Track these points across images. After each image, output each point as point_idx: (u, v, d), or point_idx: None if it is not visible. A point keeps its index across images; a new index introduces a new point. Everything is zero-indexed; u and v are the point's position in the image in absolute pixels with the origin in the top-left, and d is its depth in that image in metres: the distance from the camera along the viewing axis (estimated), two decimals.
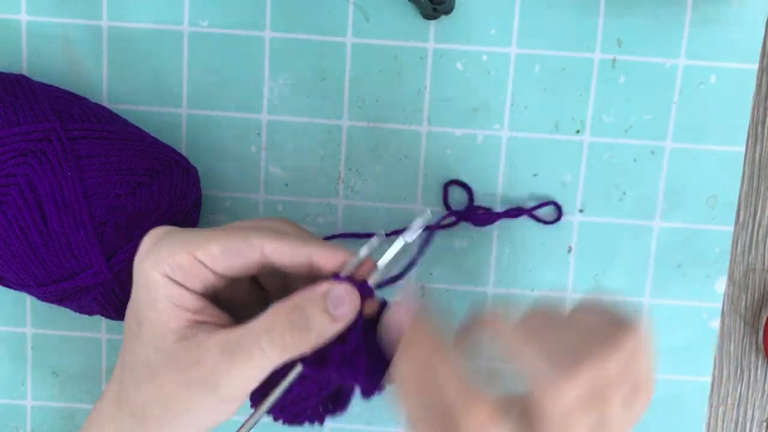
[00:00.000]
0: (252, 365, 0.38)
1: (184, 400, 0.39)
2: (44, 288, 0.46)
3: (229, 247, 0.39)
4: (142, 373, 0.40)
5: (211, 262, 0.39)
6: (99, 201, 0.45)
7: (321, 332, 0.39)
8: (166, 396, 0.39)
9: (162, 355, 0.39)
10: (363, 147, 0.52)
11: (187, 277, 0.39)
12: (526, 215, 0.52)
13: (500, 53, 0.51)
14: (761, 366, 0.55)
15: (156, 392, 0.39)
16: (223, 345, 0.38)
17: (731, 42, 0.50)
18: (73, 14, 0.51)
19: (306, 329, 0.38)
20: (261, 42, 0.51)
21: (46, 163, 0.44)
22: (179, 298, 0.39)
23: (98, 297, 0.46)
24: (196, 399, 0.39)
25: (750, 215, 0.53)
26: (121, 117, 0.49)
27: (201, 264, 0.39)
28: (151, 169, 0.46)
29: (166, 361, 0.39)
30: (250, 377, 0.39)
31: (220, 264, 0.39)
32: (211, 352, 0.38)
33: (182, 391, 0.39)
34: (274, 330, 0.38)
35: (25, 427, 0.55)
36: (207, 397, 0.39)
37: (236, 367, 0.38)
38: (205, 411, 0.39)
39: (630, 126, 0.51)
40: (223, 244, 0.39)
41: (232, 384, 0.38)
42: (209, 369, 0.38)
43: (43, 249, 0.44)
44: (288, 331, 0.38)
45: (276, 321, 0.38)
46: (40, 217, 0.44)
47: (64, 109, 0.46)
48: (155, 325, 0.40)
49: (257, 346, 0.38)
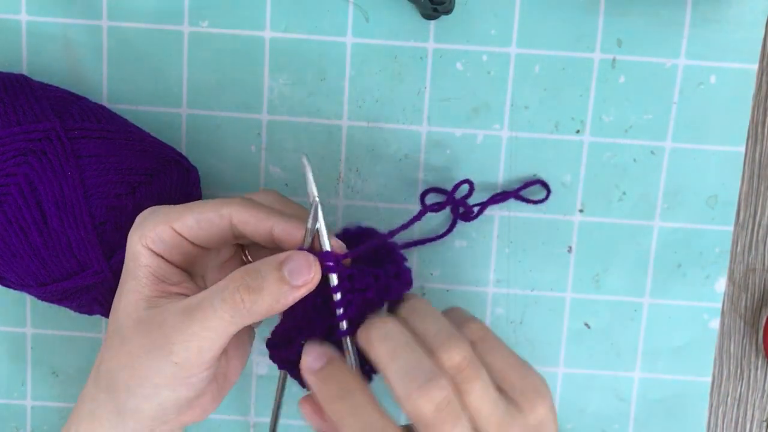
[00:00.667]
0: (205, 325, 0.39)
1: (144, 366, 0.40)
2: (44, 288, 0.46)
3: (202, 218, 0.41)
4: (116, 341, 0.41)
5: (187, 233, 0.41)
6: (99, 200, 0.45)
7: (273, 295, 0.39)
8: (131, 361, 0.40)
9: (132, 322, 0.41)
10: (363, 147, 0.52)
11: (167, 248, 0.42)
12: (513, 197, 0.51)
13: (500, 53, 0.51)
14: (761, 366, 0.55)
15: (125, 358, 0.41)
16: (183, 307, 0.39)
17: (731, 42, 0.50)
18: (73, 14, 0.51)
19: (258, 290, 0.39)
20: (261, 42, 0.51)
21: (46, 163, 0.44)
22: (158, 268, 0.41)
23: (98, 296, 0.46)
24: (155, 364, 0.40)
25: (750, 215, 0.53)
26: (121, 117, 0.49)
27: (179, 236, 0.41)
28: (151, 169, 0.46)
29: (135, 328, 0.40)
30: (203, 340, 0.39)
31: (195, 234, 0.42)
32: (173, 314, 0.39)
33: (144, 355, 0.40)
34: (227, 288, 0.39)
35: (25, 427, 0.55)
36: (164, 362, 0.39)
37: (190, 329, 0.39)
38: (162, 378, 0.40)
39: (630, 126, 0.51)
40: (197, 216, 0.41)
41: (186, 347, 0.39)
42: (167, 335, 0.39)
43: (43, 248, 0.44)
44: (239, 290, 0.39)
45: (230, 280, 0.39)
46: (40, 217, 0.44)
47: (64, 108, 0.46)
48: (132, 293, 0.41)
49: (210, 305, 0.39)
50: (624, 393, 0.54)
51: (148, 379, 0.40)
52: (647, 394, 0.54)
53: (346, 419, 0.37)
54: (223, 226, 0.42)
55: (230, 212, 0.41)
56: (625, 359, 0.54)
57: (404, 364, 0.37)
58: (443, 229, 0.52)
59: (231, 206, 0.41)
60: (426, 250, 0.53)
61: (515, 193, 0.51)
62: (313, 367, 0.39)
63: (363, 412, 0.38)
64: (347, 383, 0.39)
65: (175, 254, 0.42)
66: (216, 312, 0.39)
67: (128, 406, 0.41)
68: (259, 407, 0.55)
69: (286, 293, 0.39)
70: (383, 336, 0.38)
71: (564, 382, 0.54)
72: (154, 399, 0.40)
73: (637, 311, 0.53)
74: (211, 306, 0.39)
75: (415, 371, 0.37)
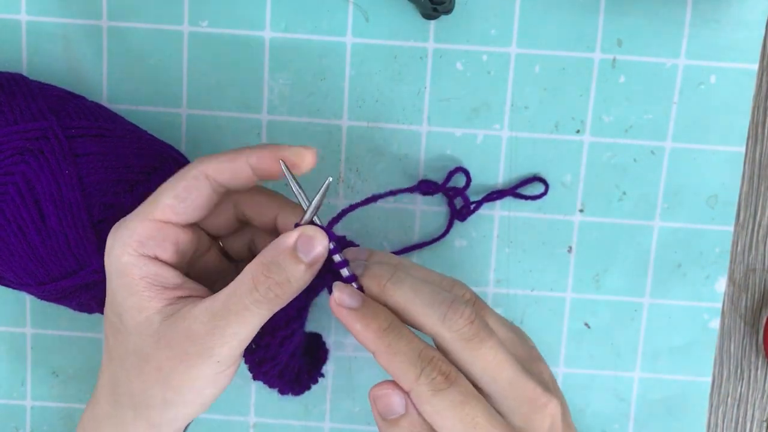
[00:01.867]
0: (243, 324, 0.39)
1: (184, 375, 0.40)
2: (43, 287, 0.46)
3: (178, 189, 0.40)
4: (135, 362, 0.40)
5: (171, 214, 0.40)
6: (97, 199, 0.45)
7: (299, 281, 0.40)
8: (165, 375, 0.40)
9: (151, 338, 0.40)
10: (363, 147, 0.52)
11: (157, 244, 0.40)
12: (511, 195, 0.51)
13: (500, 53, 0.51)
14: (761, 366, 0.55)
15: (155, 375, 0.40)
16: (210, 313, 0.39)
17: (731, 42, 0.50)
18: (73, 14, 0.51)
19: (286, 282, 0.39)
20: (261, 42, 0.51)
21: (43, 162, 0.44)
22: (156, 276, 0.40)
23: (97, 295, 0.46)
24: (196, 370, 0.40)
25: (750, 215, 0.53)
26: (118, 115, 0.49)
27: (163, 224, 0.40)
28: (148, 167, 0.46)
29: (157, 343, 0.40)
30: (243, 336, 0.40)
31: (179, 211, 0.40)
32: (199, 322, 0.39)
33: (180, 365, 0.39)
34: (257, 289, 0.39)
35: (25, 427, 0.55)
36: (206, 365, 0.39)
37: (229, 330, 0.39)
38: (206, 380, 0.40)
39: (630, 126, 0.51)
40: (171, 190, 0.40)
41: (228, 346, 0.39)
42: (202, 337, 0.39)
43: (41, 247, 0.44)
44: (271, 288, 0.39)
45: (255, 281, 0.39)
46: (38, 216, 0.44)
47: (61, 107, 0.46)
48: (137, 312, 0.40)
49: (244, 306, 0.39)
50: (624, 393, 0.54)
51: (190, 386, 0.40)
52: (647, 394, 0.54)
53: (402, 347, 0.39)
54: (201, 187, 0.41)
55: (202, 168, 0.41)
56: (625, 359, 0.54)
57: (428, 296, 0.40)
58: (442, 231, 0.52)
59: (200, 163, 0.41)
60: (426, 250, 0.53)
61: (512, 190, 0.51)
62: (353, 304, 0.40)
63: (412, 338, 0.39)
64: (389, 316, 0.40)
65: (167, 248, 0.41)
66: (253, 312, 0.39)
67: (166, 417, 0.41)
68: (258, 407, 0.55)
69: (307, 273, 0.40)
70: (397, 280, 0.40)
71: (564, 382, 0.54)
72: (197, 401, 0.41)
73: (637, 311, 0.53)
74: (246, 308, 0.39)
75: (440, 297, 0.40)
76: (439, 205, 0.52)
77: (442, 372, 0.38)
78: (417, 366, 0.38)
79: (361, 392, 0.54)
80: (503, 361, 0.40)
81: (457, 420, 0.38)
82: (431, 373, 0.38)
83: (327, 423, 0.55)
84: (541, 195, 0.52)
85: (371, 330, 0.39)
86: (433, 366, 0.38)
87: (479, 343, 0.39)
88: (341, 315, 0.40)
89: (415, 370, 0.38)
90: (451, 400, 0.38)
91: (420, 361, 0.39)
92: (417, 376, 0.38)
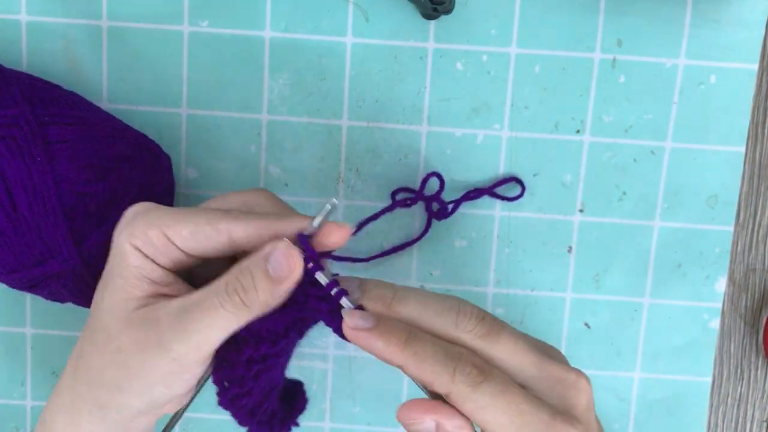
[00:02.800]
0: (207, 323, 0.39)
1: (139, 363, 0.40)
2: (14, 275, 0.46)
3: (198, 231, 0.40)
4: (101, 338, 0.41)
5: (180, 243, 0.40)
6: (69, 186, 0.44)
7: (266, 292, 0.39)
8: (122, 359, 0.40)
9: (121, 320, 0.40)
10: (363, 147, 0.52)
11: (157, 253, 0.41)
12: (487, 194, 0.51)
13: (500, 53, 0.51)
14: (761, 366, 0.55)
15: (113, 356, 0.40)
16: (181, 307, 0.40)
17: (731, 42, 0.50)
18: (73, 14, 0.51)
19: (252, 289, 0.39)
20: (261, 42, 0.51)
21: (15, 149, 0.44)
22: (148, 270, 0.41)
23: (68, 284, 0.46)
24: (151, 361, 0.40)
25: (750, 215, 0.53)
26: (93, 104, 0.49)
27: (171, 243, 0.41)
28: (121, 155, 0.46)
29: (125, 326, 0.40)
30: (204, 337, 0.39)
31: (188, 245, 0.41)
32: (168, 314, 0.40)
33: (138, 353, 0.40)
34: (224, 291, 0.39)
35: (25, 427, 0.55)
36: (161, 359, 0.39)
37: (189, 327, 0.39)
38: (158, 375, 0.40)
39: (630, 126, 0.51)
40: (192, 228, 0.40)
41: (186, 345, 0.39)
42: (163, 332, 0.39)
43: (12, 235, 0.44)
44: (236, 291, 0.39)
45: (226, 282, 0.39)
46: (9, 203, 0.44)
47: (34, 94, 0.46)
48: (119, 292, 0.41)
49: (212, 305, 0.39)
50: (624, 393, 0.54)
51: (141, 377, 0.40)
52: (647, 394, 0.54)
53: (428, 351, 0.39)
54: (220, 241, 0.41)
55: (228, 228, 0.40)
56: (625, 359, 0.54)
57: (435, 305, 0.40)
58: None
59: (229, 222, 0.40)
60: (426, 250, 0.53)
61: (489, 190, 0.51)
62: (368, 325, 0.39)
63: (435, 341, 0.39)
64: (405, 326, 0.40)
65: (165, 259, 0.41)
66: (219, 311, 0.39)
67: (114, 401, 0.41)
68: None
69: (276, 289, 0.40)
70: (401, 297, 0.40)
71: None
72: (145, 396, 0.41)
73: (637, 311, 0.53)
74: (213, 306, 0.39)
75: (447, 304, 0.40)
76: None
77: (476, 365, 0.38)
78: (449, 366, 0.38)
79: (361, 392, 0.54)
80: (524, 347, 0.40)
81: (500, 411, 0.38)
82: (465, 368, 0.38)
83: (327, 423, 0.55)
84: (518, 197, 0.52)
85: (393, 344, 0.39)
86: (464, 362, 0.38)
87: (496, 335, 0.39)
88: (360, 338, 0.39)
89: (448, 370, 0.38)
90: (491, 391, 0.38)
91: (450, 360, 0.38)
92: (452, 376, 0.38)
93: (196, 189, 0.52)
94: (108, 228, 0.45)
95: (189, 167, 0.52)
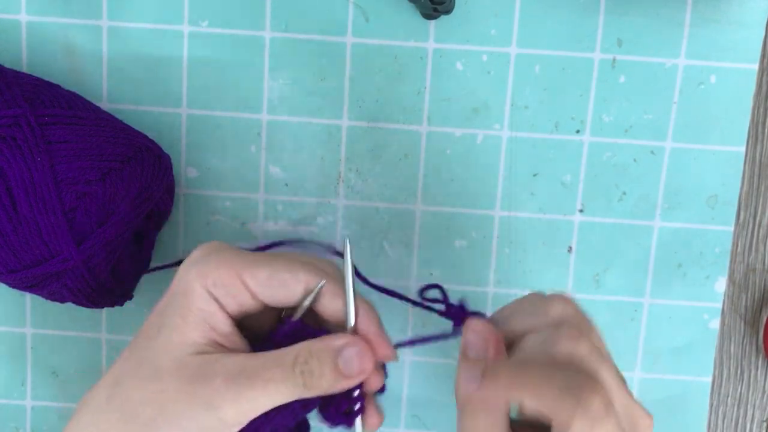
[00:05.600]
0: (264, 393, 0.39)
1: (183, 411, 0.39)
2: (14, 274, 0.46)
3: (276, 277, 0.40)
4: (145, 374, 0.40)
5: (254, 286, 0.40)
6: (69, 187, 0.44)
7: (330, 382, 0.39)
8: (165, 401, 0.39)
9: (174, 362, 0.39)
10: (363, 147, 0.52)
11: (227, 295, 0.40)
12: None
13: (500, 53, 0.51)
14: (761, 366, 0.55)
15: (156, 395, 0.39)
16: (236, 371, 0.39)
17: (731, 42, 0.50)
18: (73, 14, 0.51)
19: (317, 375, 0.39)
20: (261, 42, 0.51)
21: (15, 149, 0.44)
22: (211, 315, 0.40)
23: (68, 283, 0.46)
24: (195, 413, 0.39)
25: (750, 215, 0.53)
26: (93, 104, 0.49)
27: (243, 286, 0.40)
28: (121, 155, 0.46)
29: (176, 369, 0.39)
30: (255, 407, 0.39)
31: (262, 290, 0.40)
32: (222, 375, 0.39)
33: (184, 401, 0.39)
34: (291, 368, 0.39)
35: (25, 427, 0.55)
36: (206, 415, 0.39)
37: (245, 394, 0.38)
38: (198, 427, 0.39)
39: (630, 126, 0.51)
40: (271, 272, 0.40)
41: (236, 409, 0.39)
42: (216, 390, 0.38)
43: (12, 235, 0.44)
44: (303, 374, 0.39)
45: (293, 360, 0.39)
46: (10, 203, 0.44)
47: (35, 95, 0.46)
48: (177, 333, 0.40)
49: (272, 378, 0.38)
50: None
51: (182, 424, 0.39)
52: (647, 394, 0.54)
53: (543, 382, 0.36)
54: (296, 290, 0.40)
55: (306, 277, 0.40)
56: (625, 359, 0.54)
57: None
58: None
59: (308, 273, 0.40)
60: (425, 250, 0.53)
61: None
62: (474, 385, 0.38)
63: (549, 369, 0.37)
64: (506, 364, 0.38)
65: (234, 305, 0.40)
66: (278, 386, 0.39)
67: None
68: None
69: (342, 383, 0.39)
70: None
71: None
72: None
73: (637, 311, 0.53)
74: (275, 379, 0.39)
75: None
76: (440, 205, 0.52)
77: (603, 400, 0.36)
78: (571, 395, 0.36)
79: None
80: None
81: None
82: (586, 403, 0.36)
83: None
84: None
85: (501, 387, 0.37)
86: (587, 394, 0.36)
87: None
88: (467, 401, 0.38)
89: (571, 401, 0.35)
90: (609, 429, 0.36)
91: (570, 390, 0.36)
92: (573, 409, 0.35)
93: (196, 189, 0.52)
94: (108, 228, 0.45)
95: (189, 167, 0.52)
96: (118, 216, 0.46)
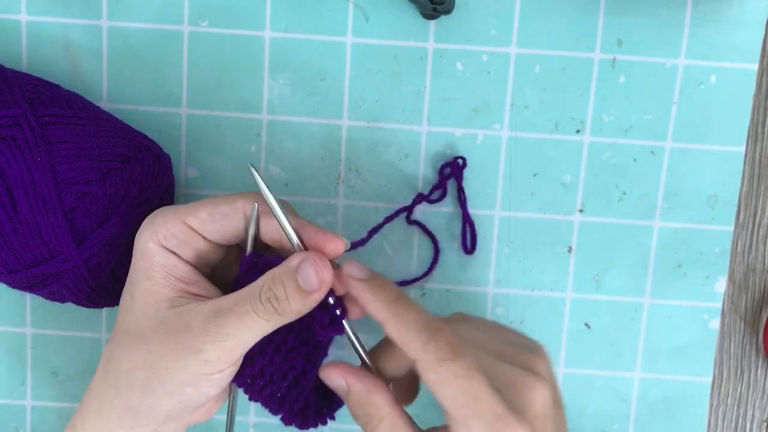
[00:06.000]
0: (241, 326, 0.40)
1: (170, 363, 0.41)
2: (14, 274, 0.46)
3: (216, 211, 0.42)
4: (131, 341, 0.42)
5: (200, 227, 0.42)
6: (69, 187, 0.45)
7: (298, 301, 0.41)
8: (152, 360, 0.41)
9: (152, 322, 0.41)
10: (363, 147, 0.52)
11: (179, 244, 0.42)
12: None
13: (500, 53, 0.51)
14: (761, 366, 0.55)
15: (143, 357, 0.41)
16: (211, 313, 0.41)
17: (731, 42, 0.50)
18: (73, 14, 0.51)
19: (284, 298, 0.40)
20: (261, 42, 0.51)
21: (15, 149, 0.44)
22: (173, 267, 0.42)
23: (68, 283, 0.46)
24: (183, 362, 0.40)
25: (750, 215, 0.53)
26: (93, 104, 0.49)
27: (192, 230, 0.42)
28: (122, 156, 0.46)
29: (156, 327, 0.41)
30: (236, 342, 0.41)
31: (209, 229, 0.42)
32: (201, 316, 0.41)
33: (169, 354, 0.41)
34: (258, 298, 0.40)
35: (25, 427, 0.55)
36: (193, 360, 0.40)
37: (223, 331, 0.40)
38: (189, 376, 0.41)
39: (630, 126, 0.51)
40: (210, 209, 0.42)
41: (219, 347, 0.40)
42: (196, 335, 0.40)
43: (12, 235, 0.45)
44: (270, 300, 0.40)
45: (259, 289, 0.41)
46: (10, 203, 0.44)
47: (35, 95, 0.46)
48: (149, 294, 0.42)
49: (246, 310, 0.40)
50: (624, 393, 0.54)
51: (172, 377, 0.41)
52: (647, 394, 0.54)
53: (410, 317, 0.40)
54: (237, 219, 0.42)
55: (243, 204, 0.42)
56: (625, 359, 0.54)
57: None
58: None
59: (245, 198, 0.43)
60: (425, 250, 0.53)
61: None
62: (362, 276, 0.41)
63: (420, 310, 0.41)
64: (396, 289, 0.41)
65: (188, 251, 0.42)
66: (252, 317, 0.40)
67: (144, 404, 0.41)
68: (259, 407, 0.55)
69: (309, 300, 0.41)
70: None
71: (564, 383, 0.54)
72: (175, 396, 0.41)
73: (637, 311, 0.53)
74: (247, 312, 0.40)
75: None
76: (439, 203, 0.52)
77: (449, 342, 0.39)
78: (424, 334, 0.39)
79: None
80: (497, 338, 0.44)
81: (460, 391, 0.39)
82: (438, 342, 0.39)
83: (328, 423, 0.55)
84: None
85: (380, 300, 0.40)
86: (440, 336, 0.39)
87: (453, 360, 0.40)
88: (352, 286, 0.41)
89: (422, 338, 0.39)
90: (455, 371, 0.39)
91: (427, 330, 0.39)
92: (424, 344, 0.39)
93: (196, 189, 0.52)
94: (108, 228, 0.46)
95: (189, 167, 0.52)
96: (118, 216, 0.46)
